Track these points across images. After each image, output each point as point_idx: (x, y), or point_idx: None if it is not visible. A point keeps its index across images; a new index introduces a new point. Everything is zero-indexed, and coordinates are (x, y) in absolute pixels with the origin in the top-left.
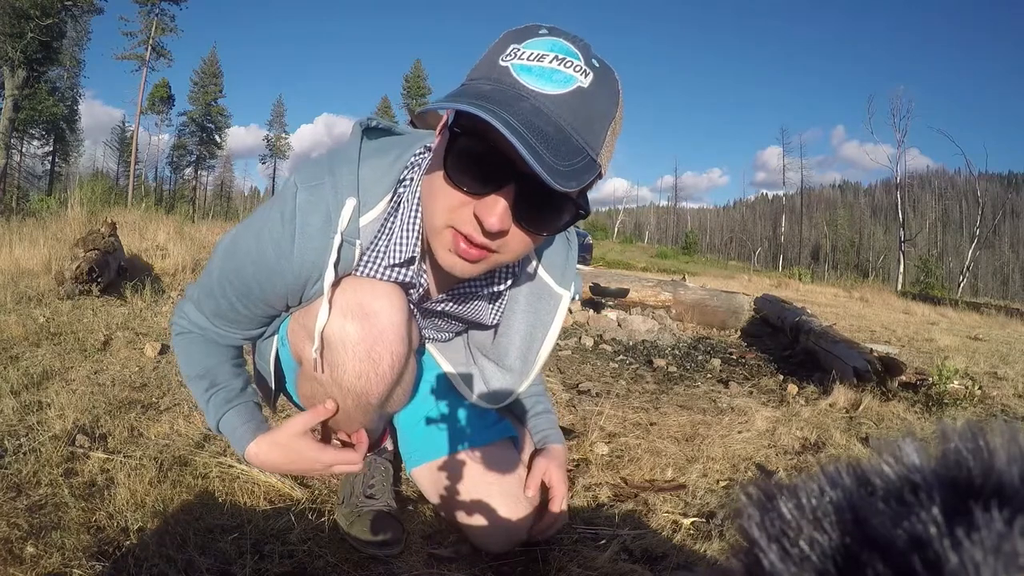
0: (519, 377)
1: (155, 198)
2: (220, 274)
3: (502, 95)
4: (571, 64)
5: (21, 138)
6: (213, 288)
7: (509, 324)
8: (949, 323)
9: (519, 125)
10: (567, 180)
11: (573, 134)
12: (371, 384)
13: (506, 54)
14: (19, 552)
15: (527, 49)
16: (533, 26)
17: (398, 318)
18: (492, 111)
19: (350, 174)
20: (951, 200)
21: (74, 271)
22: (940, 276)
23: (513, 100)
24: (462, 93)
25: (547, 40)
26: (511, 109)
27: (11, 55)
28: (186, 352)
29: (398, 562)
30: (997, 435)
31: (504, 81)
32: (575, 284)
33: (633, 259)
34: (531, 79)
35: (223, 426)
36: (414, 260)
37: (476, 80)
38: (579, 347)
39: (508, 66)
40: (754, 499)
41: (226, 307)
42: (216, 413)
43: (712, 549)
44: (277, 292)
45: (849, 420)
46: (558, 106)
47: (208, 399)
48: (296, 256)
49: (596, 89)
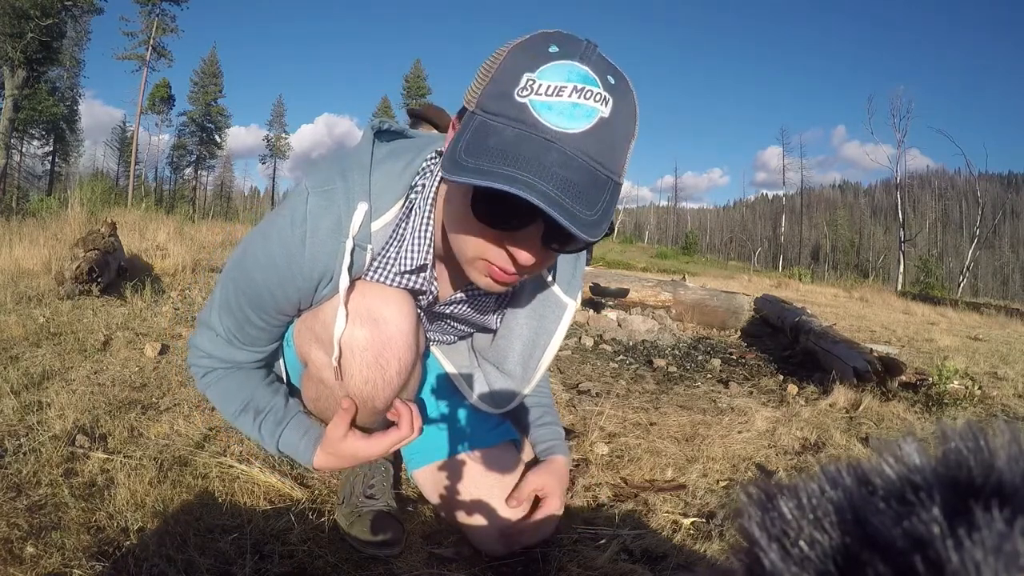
0: (520, 383)
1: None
2: (234, 286)
3: (528, 144)
4: (591, 94)
5: (21, 138)
6: (229, 301)
7: (510, 328)
8: (949, 323)
9: (552, 189)
10: (597, 229)
11: (599, 169)
12: (377, 390)
13: (522, 88)
14: (19, 552)
15: (543, 81)
16: (541, 41)
17: (406, 325)
18: (526, 182)
19: (362, 179)
20: (951, 200)
21: (74, 271)
22: (940, 276)
23: (541, 152)
24: (486, 142)
25: (562, 67)
26: (540, 168)
27: (11, 55)
28: (219, 394)
29: (398, 562)
30: (997, 435)
31: (526, 122)
32: (579, 298)
33: (633, 259)
34: (553, 118)
35: (283, 448)
36: (425, 267)
37: (495, 117)
38: (579, 347)
39: (527, 104)
40: (754, 499)
41: (242, 320)
42: (272, 439)
43: (712, 549)
44: (289, 297)
45: (849, 420)
46: (584, 144)
47: (259, 428)
48: (307, 259)
49: (617, 114)
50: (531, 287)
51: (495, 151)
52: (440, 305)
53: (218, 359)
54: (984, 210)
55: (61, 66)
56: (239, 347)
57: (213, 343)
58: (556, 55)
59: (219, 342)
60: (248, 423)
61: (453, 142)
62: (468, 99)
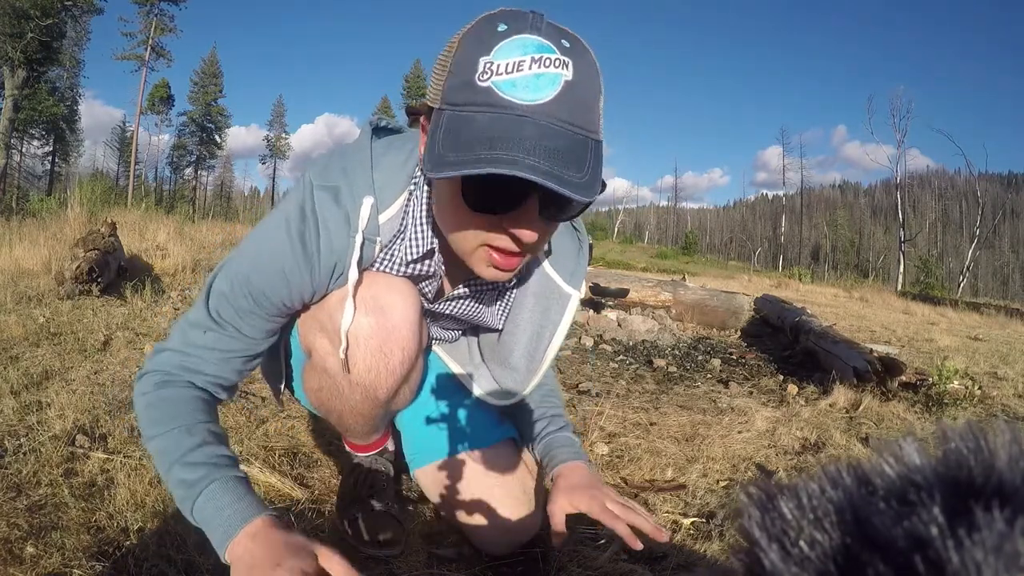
0: (526, 376)
1: (155, 198)
2: (239, 281)
3: (502, 124)
4: (550, 61)
5: (21, 138)
6: (227, 294)
7: (516, 323)
8: (949, 323)
9: (538, 160)
10: (591, 190)
11: (577, 131)
12: (381, 378)
13: (481, 73)
14: (19, 552)
15: (499, 60)
16: (487, 23)
17: (411, 314)
18: (511, 160)
19: (364, 175)
20: (951, 200)
21: (74, 271)
22: (940, 276)
23: (516, 128)
24: (461, 133)
25: (515, 42)
26: (521, 143)
27: (11, 55)
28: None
29: (398, 562)
30: (997, 435)
31: (495, 104)
32: (583, 288)
33: (633, 259)
34: (520, 93)
35: (199, 513)
36: (433, 252)
37: (463, 108)
38: (579, 347)
39: (490, 86)
40: (754, 499)
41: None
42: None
43: (712, 549)
44: (303, 291)
45: (849, 420)
46: (557, 111)
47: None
48: (324, 248)
49: (579, 74)
50: (534, 281)
51: (473, 139)
52: (442, 302)
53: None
54: (984, 210)
55: (61, 66)
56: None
57: (200, 340)
58: (506, 32)
59: (208, 339)
60: (168, 450)
61: (429, 142)
62: (431, 98)
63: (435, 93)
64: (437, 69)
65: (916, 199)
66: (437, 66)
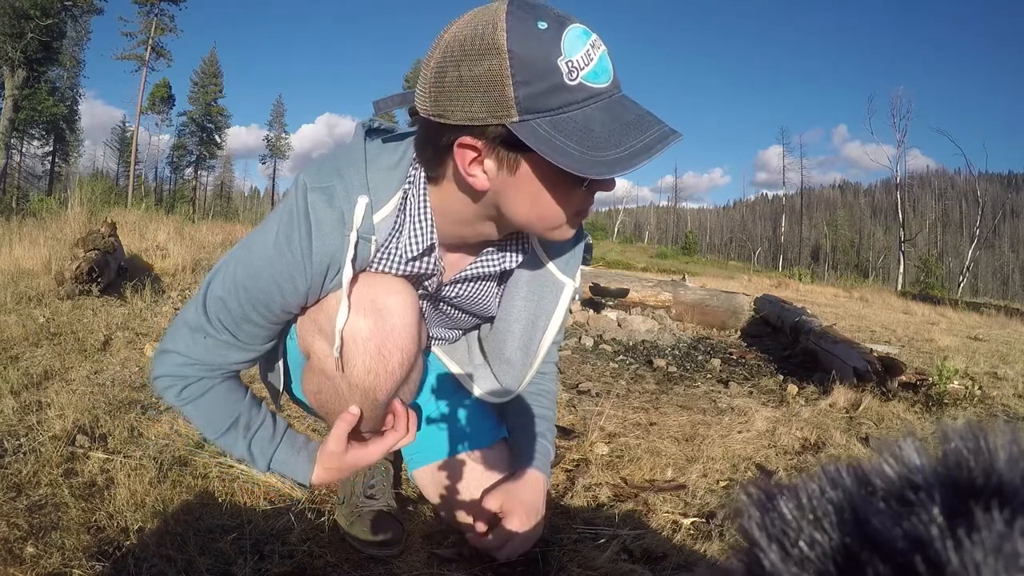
0: (521, 368)
1: (155, 198)
2: (235, 284)
3: (613, 111)
4: (595, 41)
5: (21, 138)
6: (227, 300)
7: (508, 311)
8: (949, 323)
9: (655, 129)
10: (673, 130)
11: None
12: (380, 380)
13: (567, 73)
14: (19, 552)
15: (573, 57)
16: (528, 29)
17: (410, 316)
18: (647, 142)
19: (359, 175)
20: (951, 200)
21: (74, 271)
22: (940, 276)
23: (624, 109)
24: (594, 128)
25: (569, 35)
26: (637, 120)
27: (11, 55)
28: (203, 410)
29: (398, 562)
30: (997, 435)
31: (594, 94)
32: (578, 278)
33: (633, 259)
34: (601, 77)
35: (275, 465)
36: (433, 248)
37: (565, 108)
38: (579, 347)
39: (582, 82)
40: (754, 499)
41: (240, 318)
42: (263, 458)
43: (712, 549)
44: (298, 291)
45: (849, 420)
46: (618, 79)
47: (249, 446)
48: (316, 250)
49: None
50: (528, 268)
51: (607, 132)
52: (443, 287)
53: (204, 365)
54: (984, 210)
55: (61, 66)
56: (234, 346)
57: (201, 345)
58: (555, 29)
59: (209, 344)
60: (237, 441)
61: (554, 152)
62: (496, 115)
63: (498, 112)
64: (483, 90)
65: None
66: (476, 89)
